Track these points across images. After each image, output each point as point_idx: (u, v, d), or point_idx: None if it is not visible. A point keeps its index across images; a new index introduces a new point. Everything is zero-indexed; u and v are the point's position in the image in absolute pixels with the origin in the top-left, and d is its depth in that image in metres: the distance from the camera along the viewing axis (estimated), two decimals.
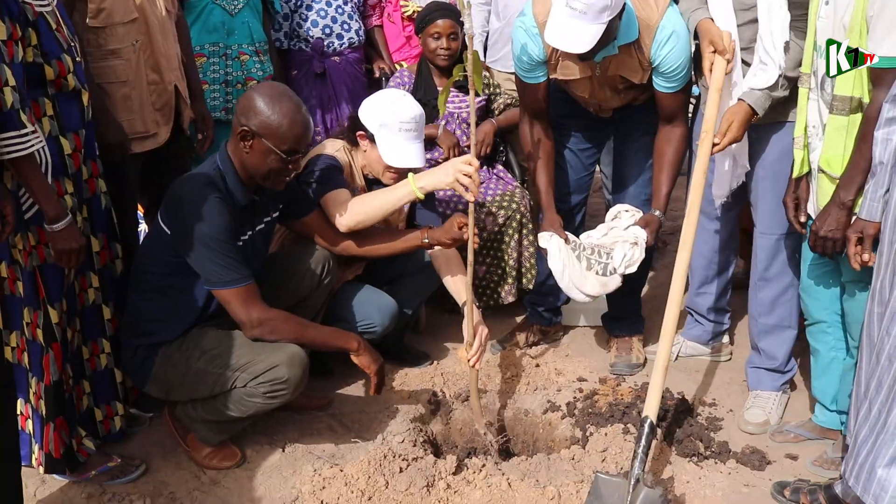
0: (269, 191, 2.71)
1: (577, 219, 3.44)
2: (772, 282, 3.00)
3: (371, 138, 2.99)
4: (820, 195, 2.48)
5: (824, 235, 2.38)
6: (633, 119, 3.15)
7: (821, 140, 2.46)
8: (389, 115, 2.92)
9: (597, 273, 2.90)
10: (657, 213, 3.02)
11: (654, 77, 2.93)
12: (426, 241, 2.88)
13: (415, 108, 2.96)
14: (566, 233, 2.99)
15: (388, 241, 2.94)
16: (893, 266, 2.15)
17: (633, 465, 2.39)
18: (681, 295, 2.64)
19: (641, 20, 2.79)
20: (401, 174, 2.99)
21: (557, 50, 2.81)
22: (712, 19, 2.79)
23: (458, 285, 3.03)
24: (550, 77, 3.03)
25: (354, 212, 2.85)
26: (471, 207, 2.62)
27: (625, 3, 2.67)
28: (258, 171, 2.57)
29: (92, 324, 2.77)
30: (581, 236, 3.01)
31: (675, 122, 3.03)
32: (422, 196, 2.79)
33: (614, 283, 2.92)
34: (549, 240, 2.94)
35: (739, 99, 2.73)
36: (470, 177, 2.60)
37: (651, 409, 2.46)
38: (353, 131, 3.04)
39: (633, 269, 2.90)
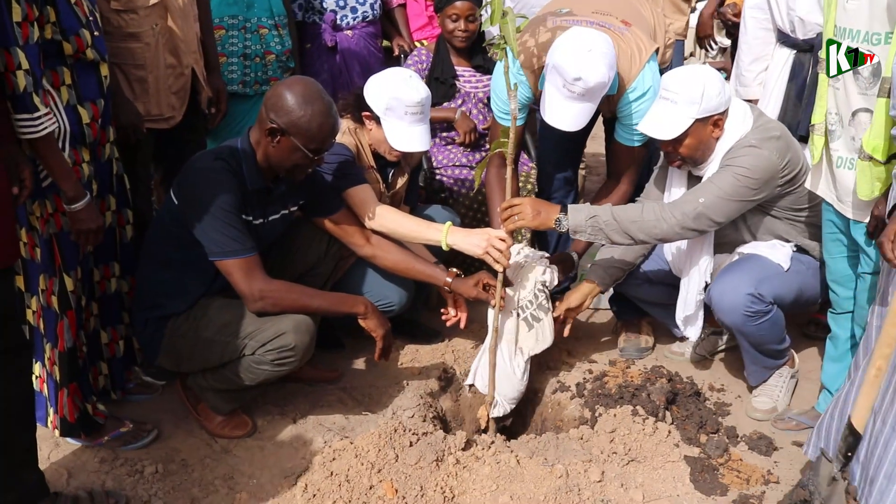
0: (289, 183, 2.73)
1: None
2: None
3: (377, 120, 2.98)
4: (862, 182, 2.37)
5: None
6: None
7: (844, 127, 2.42)
8: (395, 99, 2.90)
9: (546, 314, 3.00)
10: (574, 254, 3.17)
11: (616, 127, 3.03)
12: (447, 287, 2.91)
13: (420, 92, 2.94)
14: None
15: (412, 266, 2.94)
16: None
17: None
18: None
19: (620, 75, 2.85)
20: (405, 153, 3.05)
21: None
22: None
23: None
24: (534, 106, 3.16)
25: (383, 223, 2.93)
26: (499, 276, 2.71)
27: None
28: (281, 165, 2.60)
29: (110, 310, 2.81)
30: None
31: (623, 179, 3.12)
32: (446, 248, 2.88)
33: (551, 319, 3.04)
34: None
35: None
36: (501, 251, 2.72)
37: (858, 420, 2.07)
38: (359, 110, 3.03)
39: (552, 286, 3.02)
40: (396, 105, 2.90)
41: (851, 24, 2.35)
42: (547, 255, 3.17)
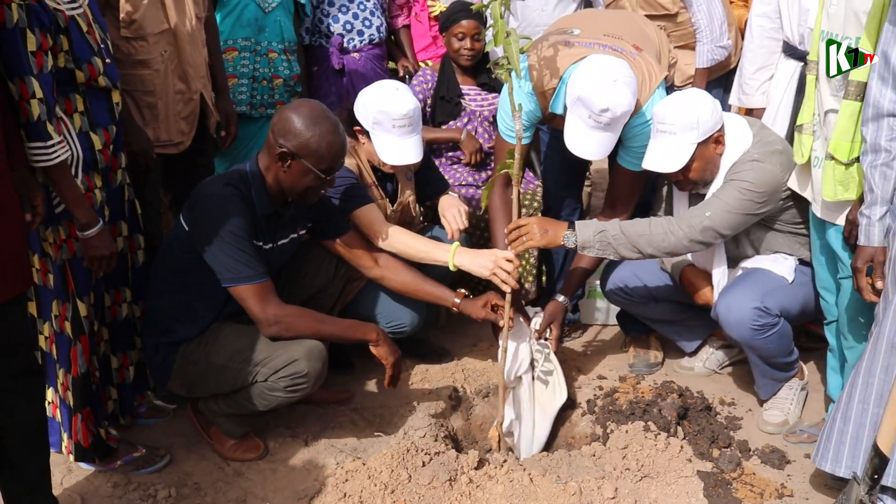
0: (297, 207, 2.74)
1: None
2: None
3: (367, 134, 2.99)
4: (825, 182, 2.45)
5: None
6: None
7: (822, 127, 2.47)
8: (382, 112, 2.90)
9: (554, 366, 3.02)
10: (561, 298, 3.14)
11: (619, 151, 3.02)
12: (455, 308, 2.90)
13: (408, 104, 2.92)
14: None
15: (420, 287, 2.93)
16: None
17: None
18: None
19: None
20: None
21: (554, 115, 2.97)
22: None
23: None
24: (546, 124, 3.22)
25: (391, 242, 2.94)
26: (508, 297, 2.71)
27: None
28: (294, 189, 2.61)
29: (121, 335, 2.82)
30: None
31: (619, 208, 3.12)
32: (453, 269, 2.89)
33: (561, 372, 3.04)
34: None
35: None
36: (508, 272, 2.73)
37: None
38: (351, 125, 3.02)
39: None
40: (383, 119, 2.90)
41: (832, 28, 2.41)
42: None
